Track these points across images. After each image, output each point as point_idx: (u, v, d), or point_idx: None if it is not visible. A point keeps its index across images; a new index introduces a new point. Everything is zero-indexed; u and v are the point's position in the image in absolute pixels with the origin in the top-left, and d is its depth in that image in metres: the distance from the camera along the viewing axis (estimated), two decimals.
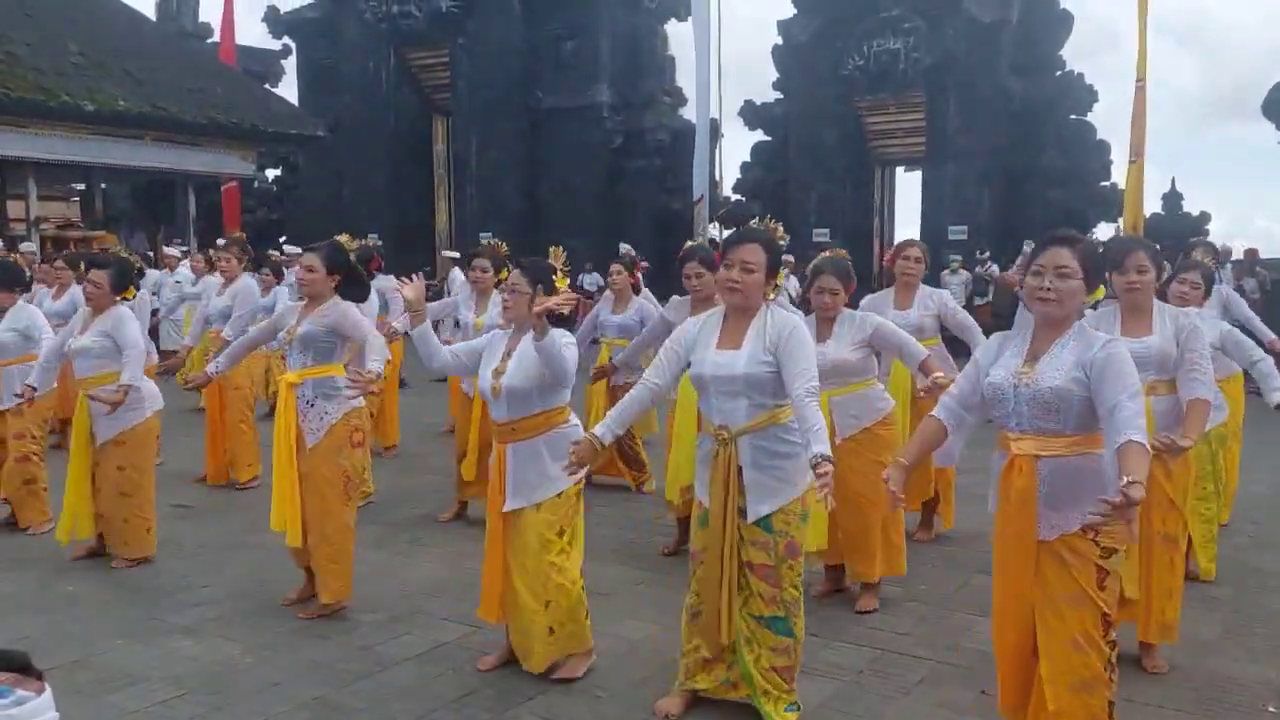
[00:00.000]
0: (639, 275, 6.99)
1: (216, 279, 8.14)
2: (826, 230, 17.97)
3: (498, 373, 3.84)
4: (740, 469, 3.34)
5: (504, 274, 5.89)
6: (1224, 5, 77.86)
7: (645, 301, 6.80)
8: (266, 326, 5.05)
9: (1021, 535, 2.87)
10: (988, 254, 16.37)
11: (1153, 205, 17.55)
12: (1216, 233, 17.64)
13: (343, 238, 5.03)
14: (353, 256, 4.78)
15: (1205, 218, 17.77)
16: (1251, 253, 14.53)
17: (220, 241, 11.04)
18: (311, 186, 22.38)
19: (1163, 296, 4.32)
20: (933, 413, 3.16)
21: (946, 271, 16.19)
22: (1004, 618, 2.98)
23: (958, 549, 5.57)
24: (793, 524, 3.33)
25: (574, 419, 3.89)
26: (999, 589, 3.00)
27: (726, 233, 18.88)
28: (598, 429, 3.41)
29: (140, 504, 5.33)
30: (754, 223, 3.58)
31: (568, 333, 3.80)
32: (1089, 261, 2.87)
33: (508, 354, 3.87)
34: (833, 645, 4.20)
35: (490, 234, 19.96)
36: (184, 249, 15.30)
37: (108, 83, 16.74)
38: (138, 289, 5.68)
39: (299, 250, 7.53)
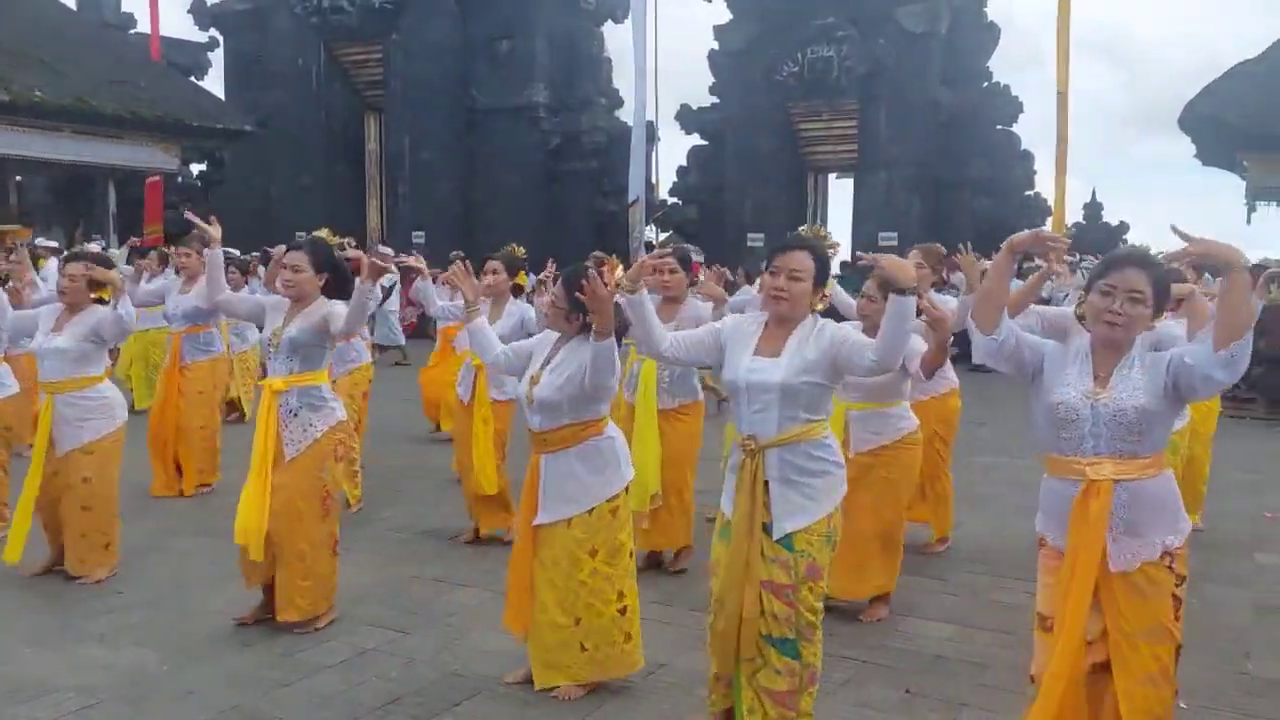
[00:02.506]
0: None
1: (165, 278, 7.86)
2: (761, 235, 18.11)
3: (533, 381, 3.72)
4: (767, 483, 3.15)
5: (521, 278, 5.75)
6: (1146, 23, 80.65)
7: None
8: (255, 305, 4.73)
9: (1098, 561, 2.72)
10: None
11: (1075, 215, 18.07)
12: (1134, 242, 18.19)
13: (322, 233, 4.81)
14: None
15: (1124, 227, 18.33)
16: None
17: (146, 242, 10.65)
18: (238, 183, 21.89)
19: None
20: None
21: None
22: (1073, 651, 2.73)
23: None
24: (815, 544, 3.13)
25: (610, 430, 3.76)
26: (1069, 624, 2.73)
27: (663, 236, 18.97)
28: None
29: (101, 519, 5.01)
30: (803, 229, 3.49)
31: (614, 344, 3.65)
32: (1160, 285, 2.75)
33: (546, 362, 3.75)
34: None
35: (423, 234, 19.77)
36: (103, 245, 14.87)
37: (24, 73, 16.18)
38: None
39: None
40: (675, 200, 19.98)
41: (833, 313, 4.57)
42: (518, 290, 5.77)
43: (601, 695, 3.76)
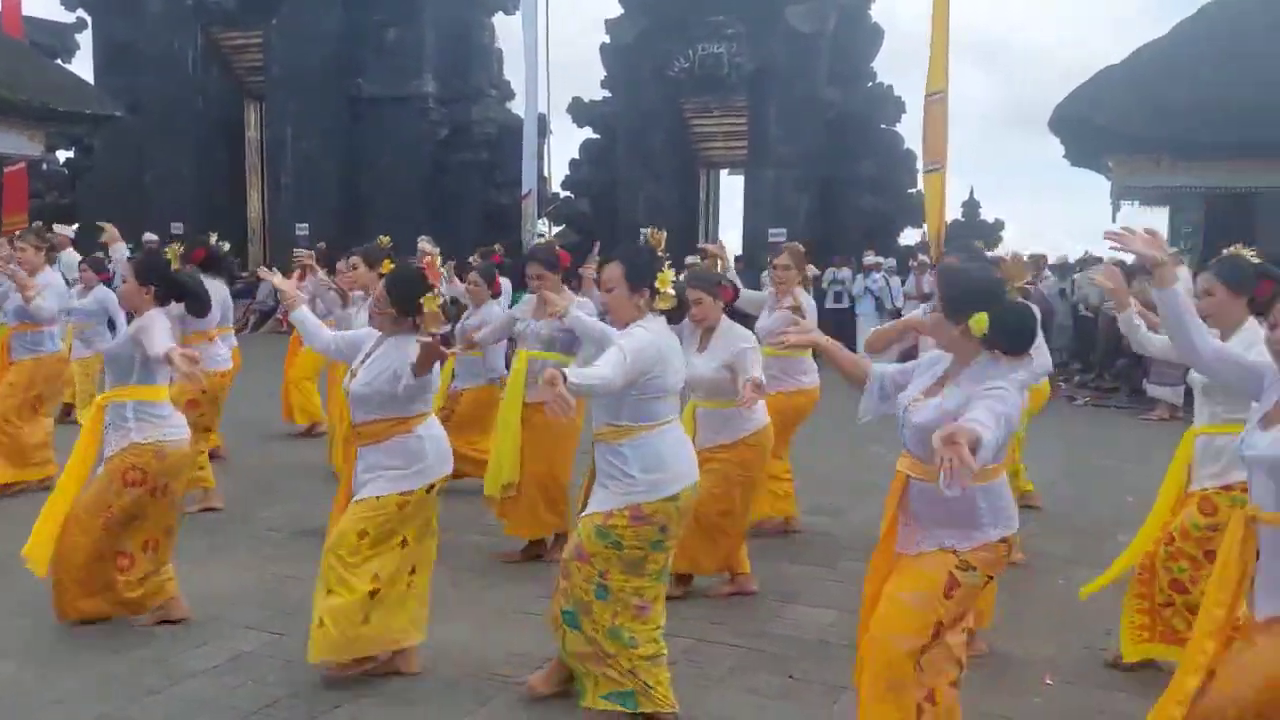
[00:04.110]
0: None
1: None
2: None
3: (351, 374, 3.77)
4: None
5: (386, 267, 5.57)
6: (1022, 29, 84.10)
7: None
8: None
9: (887, 542, 2.90)
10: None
11: (954, 213, 18.67)
12: (1011, 239, 18.94)
13: (170, 250, 4.67)
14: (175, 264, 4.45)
15: (1000, 225, 19.02)
16: (1040, 259, 15.64)
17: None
18: (107, 170, 20.90)
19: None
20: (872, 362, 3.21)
21: (767, 274, 16.67)
22: (866, 617, 2.96)
23: (767, 539, 5.73)
24: (587, 531, 3.38)
25: (422, 429, 3.72)
26: (866, 593, 2.97)
27: (556, 229, 18.89)
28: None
29: None
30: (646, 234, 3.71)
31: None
32: (952, 288, 2.77)
33: (366, 356, 3.77)
34: None
35: (307, 225, 19.25)
36: None
37: None
38: None
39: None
40: (568, 194, 19.92)
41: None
42: None
43: (486, 691, 3.72)
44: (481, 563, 5.31)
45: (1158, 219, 17.45)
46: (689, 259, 15.23)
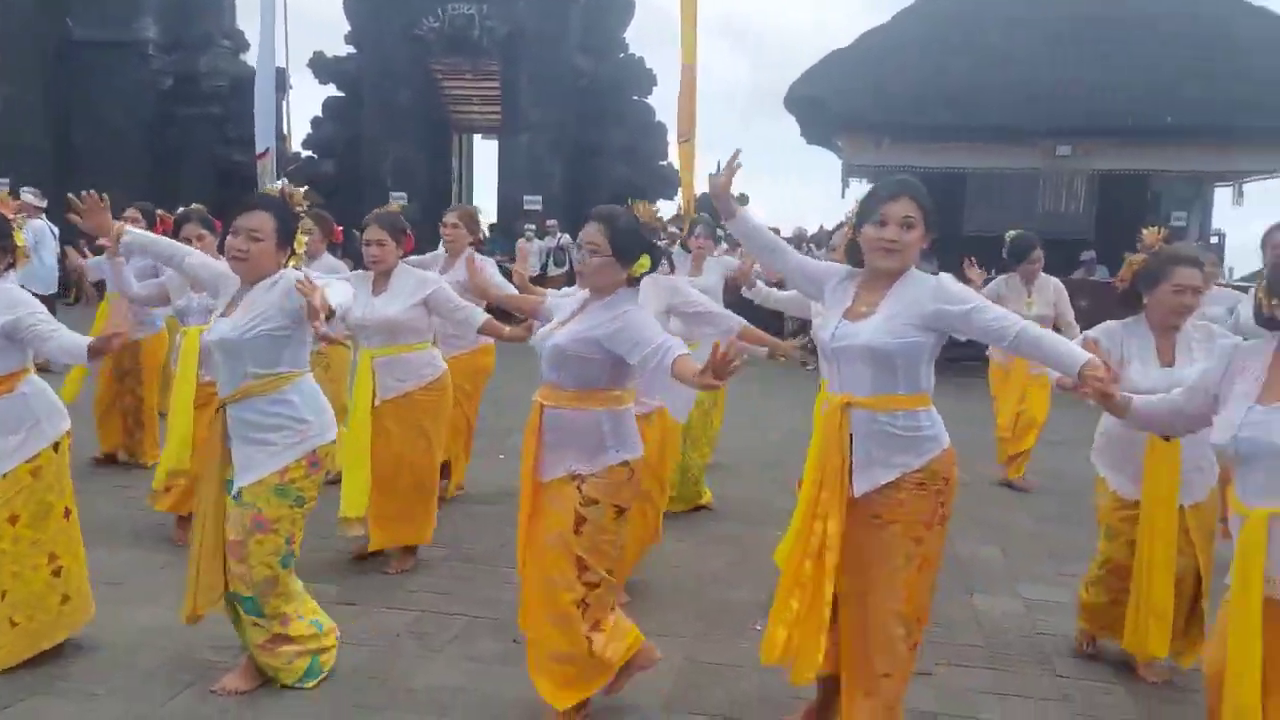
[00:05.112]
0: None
1: None
2: (404, 194, 17.64)
3: None
4: (228, 438, 3.27)
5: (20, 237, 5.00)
6: (771, 14, 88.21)
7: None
8: None
9: (529, 473, 3.09)
10: (556, 223, 17.07)
11: (703, 185, 19.28)
12: (753, 213, 19.74)
13: None
14: None
15: (745, 199, 19.83)
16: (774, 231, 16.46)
17: None
18: None
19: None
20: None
21: (522, 240, 16.61)
22: (521, 553, 3.19)
23: (495, 507, 5.69)
24: (263, 496, 3.20)
25: (27, 385, 3.43)
26: (519, 531, 3.17)
27: (302, 190, 17.91)
28: None
29: None
30: (273, 189, 3.50)
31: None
32: (619, 238, 3.01)
33: None
34: (371, 612, 4.13)
35: (8, 181, 17.24)
36: None
37: None
38: None
39: None
40: (309, 153, 18.95)
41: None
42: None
43: (183, 679, 3.47)
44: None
45: None
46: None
